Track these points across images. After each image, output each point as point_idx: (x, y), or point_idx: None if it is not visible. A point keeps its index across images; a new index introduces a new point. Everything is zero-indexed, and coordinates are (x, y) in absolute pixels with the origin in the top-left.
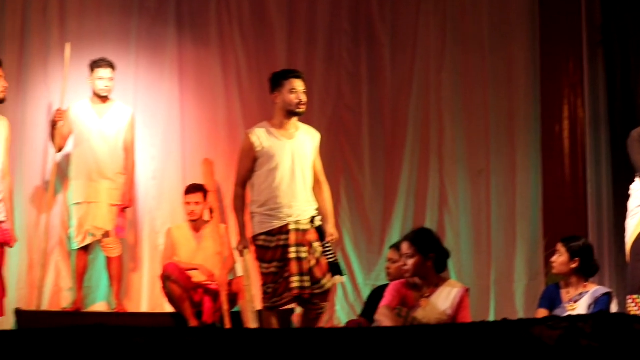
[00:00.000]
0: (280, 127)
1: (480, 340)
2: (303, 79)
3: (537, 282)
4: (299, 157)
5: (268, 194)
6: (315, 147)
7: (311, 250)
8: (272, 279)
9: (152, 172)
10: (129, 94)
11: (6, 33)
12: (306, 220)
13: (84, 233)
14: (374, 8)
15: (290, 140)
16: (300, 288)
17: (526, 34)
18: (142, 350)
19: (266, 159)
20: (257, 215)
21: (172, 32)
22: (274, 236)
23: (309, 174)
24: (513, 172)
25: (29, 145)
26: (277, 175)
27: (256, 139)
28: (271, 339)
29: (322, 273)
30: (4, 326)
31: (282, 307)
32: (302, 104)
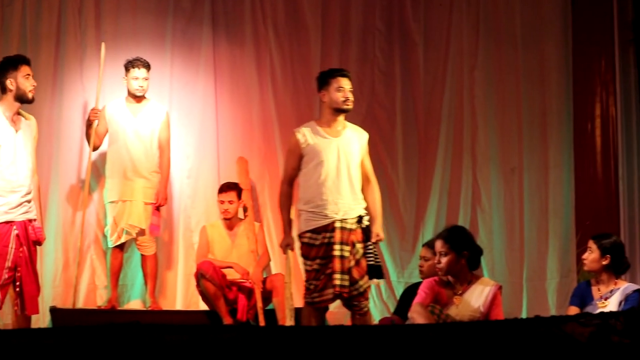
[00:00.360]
0: (326, 125)
1: (513, 337)
2: (350, 78)
3: (569, 279)
4: (344, 155)
5: (313, 191)
6: (363, 146)
7: (353, 251)
8: (315, 275)
9: (187, 171)
10: (164, 94)
11: (42, 33)
12: (352, 219)
13: (119, 231)
14: (407, 7)
15: (337, 138)
16: (341, 287)
17: (558, 32)
18: (177, 347)
19: (311, 157)
20: (303, 212)
21: (207, 32)
22: (319, 234)
23: (355, 173)
24: (545, 169)
25: (65, 144)
26: (322, 172)
27: (301, 136)
28: (305, 336)
29: (359, 275)
30: (39, 324)
31: (322, 304)
32: (349, 101)
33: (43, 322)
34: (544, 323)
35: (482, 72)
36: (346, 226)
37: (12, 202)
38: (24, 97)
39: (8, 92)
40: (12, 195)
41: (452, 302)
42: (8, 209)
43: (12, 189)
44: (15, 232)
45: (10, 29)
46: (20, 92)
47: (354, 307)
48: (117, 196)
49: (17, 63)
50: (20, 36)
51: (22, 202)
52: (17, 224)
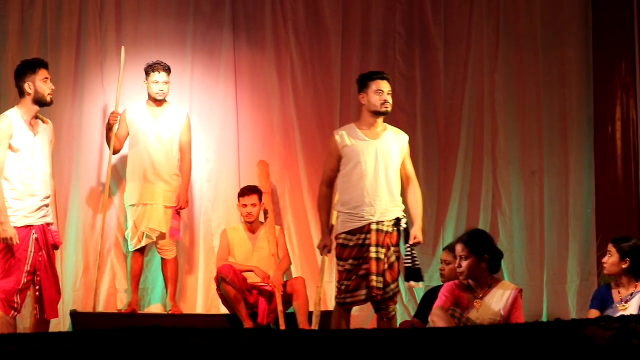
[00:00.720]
0: (366, 127)
1: (534, 341)
2: (389, 80)
3: (589, 282)
4: (383, 157)
5: (351, 192)
6: (403, 148)
7: (388, 254)
8: (346, 276)
9: (207, 175)
10: (185, 97)
11: (63, 37)
12: (389, 221)
13: (140, 235)
14: (428, 11)
15: (376, 140)
16: (377, 288)
17: (579, 35)
18: (198, 351)
19: (349, 158)
20: (341, 214)
21: (227, 36)
22: (354, 235)
23: (394, 175)
24: (566, 173)
25: (86, 148)
26: (359, 174)
27: (339, 138)
28: (326, 340)
29: (392, 279)
30: (60, 328)
31: (352, 305)
32: (387, 104)
33: (64, 326)
34: (565, 326)
35: (503, 76)
36: (383, 228)
37: (31, 206)
38: (42, 100)
39: (26, 95)
40: (31, 199)
41: (472, 305)
42: (28, 212)
43: (31, 193)
44: (34, 236)
45: (31, 33)
46: (39, 96)
47: (382, 311)
48: (137, 200)
49: (35, 67)
50: (41, 40)
51: (41, 206)
52: (36, 228)
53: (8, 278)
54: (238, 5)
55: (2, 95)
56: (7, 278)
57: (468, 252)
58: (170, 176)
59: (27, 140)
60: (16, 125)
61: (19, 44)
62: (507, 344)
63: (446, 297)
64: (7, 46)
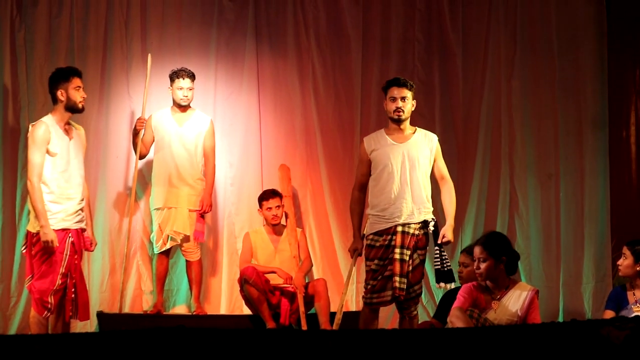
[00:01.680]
0: (393, 132)
1: (550, 341)
2: (406, 85)
3: (604, 283)
4: (410, 160)
5: (378, 195)
6: (432, 149)
7: (413, 256)
8: (372, 275)
9: (230, 179)
10: (208, 103)
11: (90, 45)
12: (416, 224)
13: (165, 238)
14: (446, 19)
15: (403, 143)
16: (400, 289)
17: (593, 42)
18: (222, 351)
19: (377, 162)
20: (370, 216)
21: (250, 44)
22: (380, 236)
23: (422, 177)
24: (581, 176)
25: (112, 153)
26: (387, 177)
27: (367, 144)
28: (346, 340)
29: (415, 280)
30: (87, 329)
31: (379, 305)
32: (399, 110)
33: (90, 327)
34: (581, 327)
35: (519, 82)
36: (409, 231)
37: (68, 210)
38: (74, 107)
39: (59, 102)
40: (67, 203)
41: (490, 306)
42: (65, 216)
43: (68, 196)
44: (70, 239)
45: (59, 41)
46: (71, 103)
47: (404, 310)
48: (162, 203)
49: (69, 75)
50: (68, 48)
51: (77, 210)
52: (72, 231)
53: (43, 279)
54: (260, 13)
55: (31, 100)
56: (43, 279)
57: (486, 255)
58: (195, 180)
59: (63, 145)
60: (52, 131)
61: (46, 52)
62: (524, 344)
63: (464, 298)
64: (35, 54)
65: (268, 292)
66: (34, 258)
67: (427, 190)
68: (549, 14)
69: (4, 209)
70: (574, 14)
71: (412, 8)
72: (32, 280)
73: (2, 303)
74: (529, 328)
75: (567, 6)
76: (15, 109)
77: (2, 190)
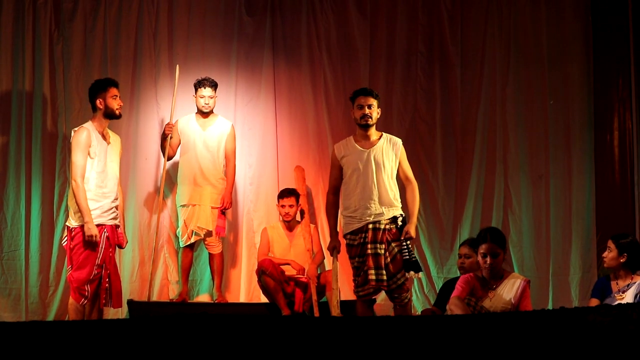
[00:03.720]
0: (360, 138)
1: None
2: (372, 94)
3: (590, 274)
4: (377, 164)
5: (350, 197)
6: (397, 152)
7: (389, 248)
8: (356, 272)
9: (249, 178)
10: (229, 109)
11: (121, 56)
12: (386, 220)
13: (189, 233)
14: (446, 32)
15: (369, 148)
16: (377, 281)
17: (581, 54)
18: (241, 335)
19: (347, 167)
20: (344, 217)
21: (267, 55)
22: (356, 235)
23: (389, 179)
24: (569, 177)
25: (141, 155)
26: (355, 181)
27: (337, 150)
28: (354, 326)
29: (395, 269)
30: (118, 315)
31: (366, 297)
32: (366, 117)
33: (122, 314)
34: (568, 313)
35: (513, 90)
36: (380, 227)
37: (104, 207)
38: (112, 114)
39: (98, 110)
40: (104, 200)
41: (486, 295)
42: (101, 212)
43: (104, 194)
44: (105, 234)
45: (93, 53)
46: (109, 111)
47: (395, 299)
48: (187, 201)
49: (106, 85)
50: (102, 59)
51: (111, 207)
52: (107, 227)
53: (81, 269)
54: (277, 27)
55: (67, 107)
56: (81, 269)
57: (498, 249)
58: (217, 180)
59: (101, 149)
60: (93, 136)
61: (82, 63)
62: (517, 329)
63: (462, 287)
64: (71, 65)
65: (283, 282)
66: (72, 251)
67: (393, 191)
68: (540, 28)
69: (42, 206)
70: (563, 28)
71: (415, 23)
72: (71, 271)
73: (42, 292)
74: (521, 315)
75: (557, 21)
76: (53, 115)
77: (41, 188)
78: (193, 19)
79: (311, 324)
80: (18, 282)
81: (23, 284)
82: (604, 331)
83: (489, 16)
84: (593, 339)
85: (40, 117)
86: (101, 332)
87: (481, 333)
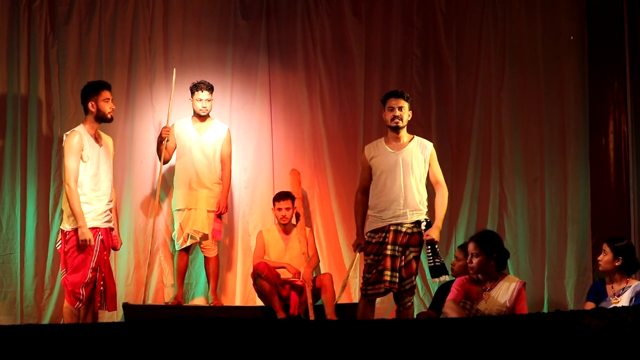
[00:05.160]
0: (391, 141)
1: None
2: (402, 96)
3: (585, 277)
4: (405, 166)
5: (376, 198)
6: (427, 156)
7: (406, 252)
8: (368, 269)
9: (245, 182)
10: (225, 113)
11: (116, 59)
12: (409, 224)
13: (185, 236)
14: (441, 36)
15: (399, 151)
16: (391, 282)
17: (576, 57)
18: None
19: (376, 168)
20: (369, 216)
21: (263, 59)
22: (376, 233)
23: (416, 182)
24: (564, 180)
25: (137, 158)
26: (383, 182)
27: (367, 152)
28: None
29: (407, 274)
30: (113, 318)
31: (373, 296)
32: (397, 119)
33: (117, 317)
34: (564, 317)
35: (508, 93)
36: (401, 229)
37: (98, 210)
38: (104, 117)
39: (90, 113)
40: (98, 204)
41: (481, 298)
42: (95, 215)
43: (98, 197)
44: (100, 237)
45: (88, 56)
46: (101, 114)
47: (399, 302)
48: (183, 204)
49: (98, 88)
50: (97, 62)
51: (106, 210)
52: (101, 230)
53: (76, 273)
54: (272, 31)
55: (63, 110)
56: (75, 273)
57: (479, 250)
58: (212, 184)
59: (93, 152)
60: (85, 139)
61: (77, 66)
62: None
63: (457, 290)
64: (66, 68)
65: (279, 285)
66: (67, 254)
67: (420, 195)
68: (535, 31)
69: (37, 210)
70: (558, 32)
71: (410, 26)
72: (66, 274)
73: (37, 295)
74: (516, 318)
75: (552, 24)
76: (49, 118)
77: (36, 192)
78: (188, 23)
79: (306, 327)
80: (13, 285)
81: (18, 287)
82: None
83: (484, 19)
84: (588, 342)
85: (36, 120)
86: (96, 336)
87: (477, 336)
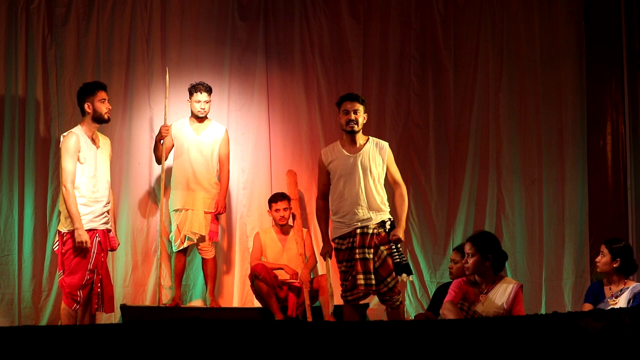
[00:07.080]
0: (347, 143)
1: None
2: (358, 100)
3: (583, 279)
4: (363, 168)
5: (337, 203)
6: (384, 156)
7: (378, 252)
8: (344, 276)
9: (242, 183)
10: (223, 114)
11: (114, 60)
12: (374, 224)
13: (182, 237)
14: (439, 37)
15: (355, 154)
16: (366, 285)
17: (573, 58)
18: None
19: (334, 172)
20: (333, 222)
21: (260, 60)
22: (344, 239)
23: (376, 183)
24: (562, 181)
25: (135, 159)
26: (342, 186)
27: (324, 156)
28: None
29: (386, 273)
30: (111, 320)
31: (354, 301)
32: (352, 123)
33: (114, 319)
34: (561, 318)
35: (506, 94)
36: (368, 231)
37: (95, 212)
38: (100, 118)
39: (87, 114)
40: (95, 205)
41: (478, 299)
42: (92, 217)
43: (96, 199)
44: (97, 239)
45: (86, 57)
46: (97, 115)
47: (386, 302)
48: (180, 205)
49: (94, 89)
50: (95, 63)
51: (103, 212)
52: (99, 231)
53: (73, 275)
54: (270, 32)
55: (61, 112)
56: (73, 275)
57: (474, 250)
58: (210, 184)
59: (91, 153)
60: (82, 140)
61: (75, 67)
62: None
63: (455, 292)
64: (64, 69)
65: (276, 286)
66: (64, 256)
67: (381, 195)
68: (533, 33)
69: (35, 211)
70: (556, 33)
71: (408, 27)
72: (63, 276)
73: (35, 297)
74: (514, 320)
75: (550, 25)
76: (46, 119)
77: (34, 193)
78: (186, 24)
79: (304, 328)
80: (11, 286)
81: (16, 289)
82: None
83: (482, 21)
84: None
85: (33, 121)
86: (94, 337)
87: (474, 338)
